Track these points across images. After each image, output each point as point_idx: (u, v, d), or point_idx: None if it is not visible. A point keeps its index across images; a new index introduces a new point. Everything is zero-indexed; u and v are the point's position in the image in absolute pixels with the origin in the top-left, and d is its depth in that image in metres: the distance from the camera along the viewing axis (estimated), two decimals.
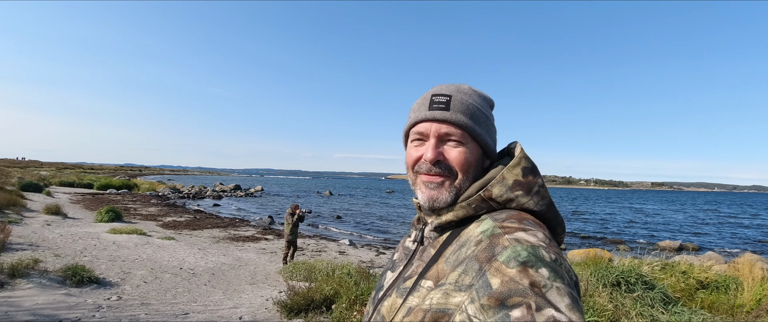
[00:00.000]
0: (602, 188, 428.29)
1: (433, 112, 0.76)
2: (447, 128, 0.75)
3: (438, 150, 0.75)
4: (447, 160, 0.75)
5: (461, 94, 0.78)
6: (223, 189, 43.79)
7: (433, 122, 0.76)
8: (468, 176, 0.75)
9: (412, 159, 0.79)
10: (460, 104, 0.76)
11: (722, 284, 5.64)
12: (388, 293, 0.75)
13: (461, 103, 0.76)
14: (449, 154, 0.75)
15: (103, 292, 5.48)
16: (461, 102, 0.76)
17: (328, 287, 5.19)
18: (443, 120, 0.75)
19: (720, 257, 11.29)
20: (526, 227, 0.63)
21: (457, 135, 0.75)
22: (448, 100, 0.76)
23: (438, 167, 0.75)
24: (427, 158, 0.75)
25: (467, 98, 0.78)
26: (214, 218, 18.71)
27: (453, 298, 0.60)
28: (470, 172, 0.76)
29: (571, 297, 0.54)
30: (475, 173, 0.76)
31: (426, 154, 0.76)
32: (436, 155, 0.75)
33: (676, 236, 20.80)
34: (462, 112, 0.76)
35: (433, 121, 0.76)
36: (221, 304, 5.55)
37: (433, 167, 0.75)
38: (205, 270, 7.51)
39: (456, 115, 0.75)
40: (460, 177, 0.75)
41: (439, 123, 0.76)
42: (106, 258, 7.43)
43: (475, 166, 0.76)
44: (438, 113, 0.75)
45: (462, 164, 0.75)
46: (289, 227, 8.91)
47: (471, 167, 0.76)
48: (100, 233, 9.99)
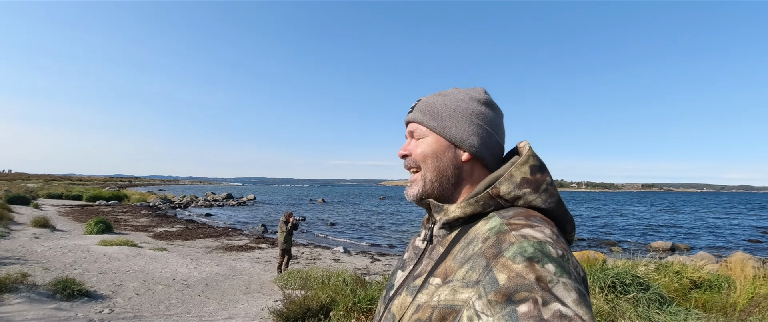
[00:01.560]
0: (594, 190, 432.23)
1: (406, 116, 0.88)
2: (412, 126, 0.85)
3: (406, 146, 0.86)
4: (411, 154, 0.84)
5: (434, 97, 0.85)
6: (215, 198, 43.42)
7: (406, 125, 0.88)
8: (428, 166, 0.80)
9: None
10: (424, 105, 0.84)
11: (715, 283, 5.69)
12: (399, 291, 0.76)
13: (425, 104, 0.84)
14: (412, 149, 0.84)
15: (95, 305, 5.37)
16: (426, 103, 0.85)
17: (325, 295, 5.14)
18: (408, 121, 0.87)
19: (712, 257, 11.42)
20: (534, 224, 0.63)
21: (417, 131, 0.83)
22: (415, 104, 0.86)
23: (407, 162, 0.85)
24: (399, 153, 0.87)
25: (436, 99, 0.84)
26: (207, 227, 18.52)
27: (460, 294, 0.61)
28: (429, 162, 0.80)
29: (578, 292, 0.54)
30: (438, 162, 0.80)
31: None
32: (403, 150, 0.86)
33: (667, 237, 21.00)
34: (421, 111, 0.84)
35: (406, 124, 0.88)
36: (216, 315, 5.47)
37: (405, 161, 0.85)
38: (198, 281, 7.41)
39: (415, 114, 0.84)
40: (422, 168, 0.81)
41: (407, 124, 0.88)
42: (97, 271, 7.30)
43: (434, 156, 0.80)
44: (407, 116, 0.87)
45: (419, 155, 0.82)
46: (282, 236, 8.85)
47: (428, 157, 0.80)
48: (90, 246, 9.81)
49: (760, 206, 66.21)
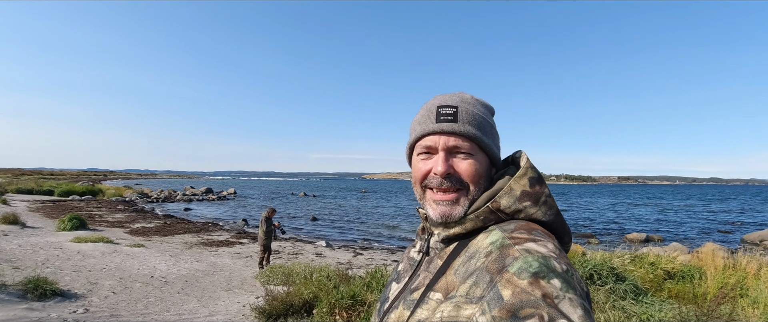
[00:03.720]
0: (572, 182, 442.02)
1: (442, 124, 0.74)
2: (455, 141, 0.74)
3: (448, 163, 0.74)
4: (457, 173, 0.74)
5: (466, 104, 0.77)
6: (195, 193, 42.59)
7: (441, 135, 0.75)
8: (479, 188, 0.74)
9: (420, 173, 0.77)
10: (467, 115, 0.75)
11: (687, 274, 5.90)
12: (395, 304, 0.74)
13: (468, 114, 0.75)
14: (459, 167, 0.74)
15: (69, 305, 5.21)
16: (468, 113, 0.75)
17: (308, 291, 5.11)
18: (452, 132, 0.74)
19: (684, 248, 11.83)
20: (536, 238, 0.63)
21: (465, 147, 0.74)
22: (455, 112, 0.75)
23: (449, 181, 0.73)
24: (437, 172, 0.73)
25: (473, 108, 0.77)
26: (186, 222, 18.19)
27: (464, 310, 0.59)
28: (481, 183, 0.75)
29: (583, 308, 0.53)
30: (484, 184, 0.75)
31: (436, 167, 0.74)
32: (447, 168, 0.73)
33: (642, 228, 21.67)
34: (470, 123, 0.74)
35: (442, 134, 0.74)
36: (196, 312, 5.38)
37: (445, 181, 0.73)
38: (177, 278, 7.27)
39: (464, 126, 0.74)
40: (472, 189, 0.74)
41: (447, 135, 0.74)
42: (71, 269, 7.07)
43: (484, 176, 0.75)
44: (446, 126, 0.74)
45: (473, 176, 0.73)
46: (263, 231, 8.78)
47: (481, 178, 0.75)
48: (63, 243, 9.49)
49: (729, 197, 68.96)
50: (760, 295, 4.75)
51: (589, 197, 66.10)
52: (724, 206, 44.30)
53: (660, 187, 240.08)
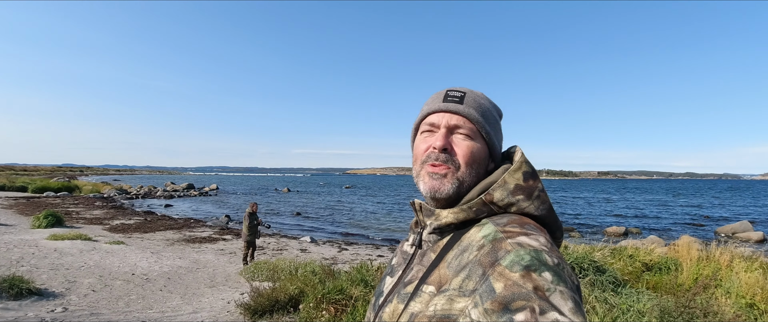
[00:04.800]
0: (553, 178, 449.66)
1: (448, 104, 0.78)
2: (458, 119, 0.77)
3: (447, 139, 0.76)
4: (454, 150, 0.76)
5: (475, 94, 0.81)
6: (176, 188, 41.82)
7: (445, 113, 0.78)
8: (471, 171, 0.75)
9: (420, 150, 0.80)
10: (474, 101, 0.79)
11: (664, 266, 6.08)
12: (389, 298, 0.74)
13: (474, 101, 0.79)
14: (457, 146, 0.76)
15: (46, 304, 5.07)
16: (474, 100, 0.79)
17: (293, 287, 5.09)
18: (456, 111, 0.77)
19: (661, 241, 12.18)
20: (528, 232, 0.63)
21: (466, 129, 0.77)
22: (463, 96, 0.79)
23: (444, 156, 0.75)
24: (435, 146, 0.76)
25: (480, 99, 0.81)
26: (167, 219, 17.86)
27: (457, 303, 0.60)
28: (474, 167, 0.76)
29: (574, 301, 0.54)
30: (478, 170, 0.77)
31: (435, 142, 0.76)
32: (445, 143, 0.75)
33: (621, 222, 22.19)
34: (475, 108, 0.78)
35: (446, 112, 0.78)
36: (180, 309, 5.30)
37: (440, 155, 0.75)
38: (160, 275, 7.14)
39: (469, 109, 0.77)
40: (462, 169, 0.75)
41: (451, 114, 0.77)
42: (48, 267, 6.87)
43: (479, 163, 0.77)
44: (452, 105, 0.77)
45: (467, 157, 0.75)
46: (247, 227, 8.69)
47: (476, 162, 0.76)
48: (38, 240, 9.21)
49: (704, 191, 71.21)
50: (732, 285, 4.93)
51: (571, 191, 67.40)
52: (698, 199, 45.71)
53: (638, 181, 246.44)
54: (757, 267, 5.58)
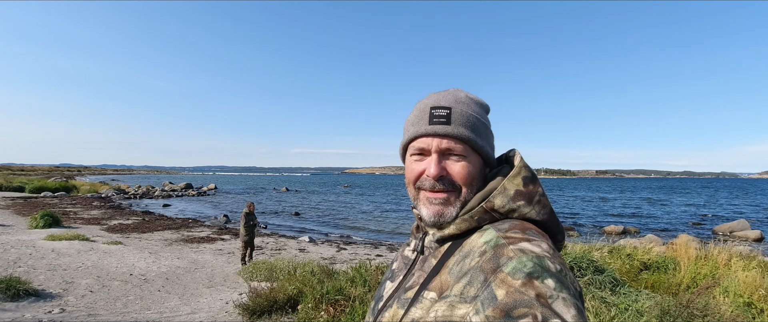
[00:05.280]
0: (552, 176, 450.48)
1: (434, 126, 0.73)
2: (448, 143, 0.73)
3: (441, 165, 0.73)
4: (450, 175, 0.73)
5: (460, 105, 0.76)
6: (174, 188, 41.77)
7: (433, 137, 0.74)
8: (472, 189, 0.74)
9: (413, 174, 0.76)
10: (461, 117, 0.74)
11: (662, 265, 6.09)
12: (389, 303, 0.74)
13: (462, 116, 0.74)
14: (452, 169, 0.73)
15: (44, 305, 5.04)
16: (461, 114, 0.74)
17: (292, 287, 5.07)
18: (445, 135, 0.73)
19: (659, 239, 12.21)
20: (530, 238, 0.63)
21: (458, 149, 0.73)
22: (449, 113, 0.73)
23: (442, 183, 0.73)
24: (430, 174, 0.73)
25: (467, 109, 0.76)
26: (165, 219, 17.84)
27: (458, 310, 0.59)
28: (474, 184, 0.74)
29: (576, 308, 0.54)
30: (477, 184, 0.75)
31: (429, 169, 0.73)
32: (440, 171, 0.72)
33: (619, 221, 22.25)
34: (463, 125, 0.73)
35: (435, 136, 0.73)
36: (178, 310, 5.28)
37: (437, 183, 0.73)
38: (158, 275, 7.12)
39: (458, 129, 0.73)
40: (464, 191, 0.73)
41: (440, 138, 0.73)
42: (45, 268, 6.85)
43: (477, 177, 0.75)
44: (439, 127, 0.73)
45: (465, 178, 0.73)
46: (245, 227, 8.68)
47: (474, 179, 0.74)
48: (36, 241, 9.18)
49: (702, 189, 71.44)
50: (730, 284, 4.94)
51: (569, 190, 67.50)
52: (696, 198, 45.85)
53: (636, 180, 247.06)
54: (755, 266, 5.59)
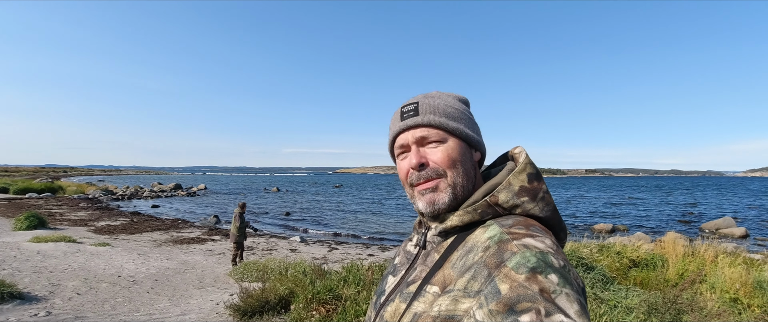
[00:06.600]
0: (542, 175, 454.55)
1: (406, 121, 0.78)
2: (421, 131, 0.76)
3: (420, 154, 0.76)
4: (431, 161, 0.75)
5: (428, 98, 0.79)
6: (163, 189, 41.31)
7: (407, 131, 0.78)
8: (458, 171, 0.75)
9: (403, 173, 0.79)
10: (428, 106, 0.77)
11: (651, 262, 6.18)
12: (391, 297, 0.74)
13: (429, 106, 0.78)
14: (432, 156, 0.76)
15: (29, 308, 4.95)
16: (429, 105, 0.78)
17: (283, 287, 5.04)
18: (415, 125, 0.77)
19: (647, 237, 12.39)
20: (534, 234, 0.63)
21: (433, 135, 0.76)
22: (416, 107, 0.78)
23: (426, 172, 0.75)
24: (411, 164, 0.76)
25: (434, 100, 0.79)
26: (154, 219, 17.62)
27: (461, 304, 0.60)
28: (458, 167, 0.75)
29: (579, 303, 0.54)
30: (465, 167, 0.76)
31: (410, 161, 0.76)
32: (419, 159, 0.75)
33: (608, 219, 22.52)
34: (432, 112, 0.77)
35: (408, 130, 0.78)
36: (167, 312, 5.22)
37: (422, 173, 0.75)
38: (147, 276, 7.03)
39: (426, 116, 0.76)
40: (450, 174, 0.74)
41: (412, 129, 0.77)
42: (30, 270, 6.72)
43: (461, 160, 0.76)
44: (410, 120, 0.77)
45: (446, 161, 0.74)
46: (236, 227, 8.61)
47: (458, 161, 0.75)
48: (20, 243, 9.01)
49: (688, 188, 72.63)
50: (717, 280, 5.03)
51: (558, 189, 68.15)
52: (684, 196, 46.60)
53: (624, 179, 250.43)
54: (741, 262, 5.70)
